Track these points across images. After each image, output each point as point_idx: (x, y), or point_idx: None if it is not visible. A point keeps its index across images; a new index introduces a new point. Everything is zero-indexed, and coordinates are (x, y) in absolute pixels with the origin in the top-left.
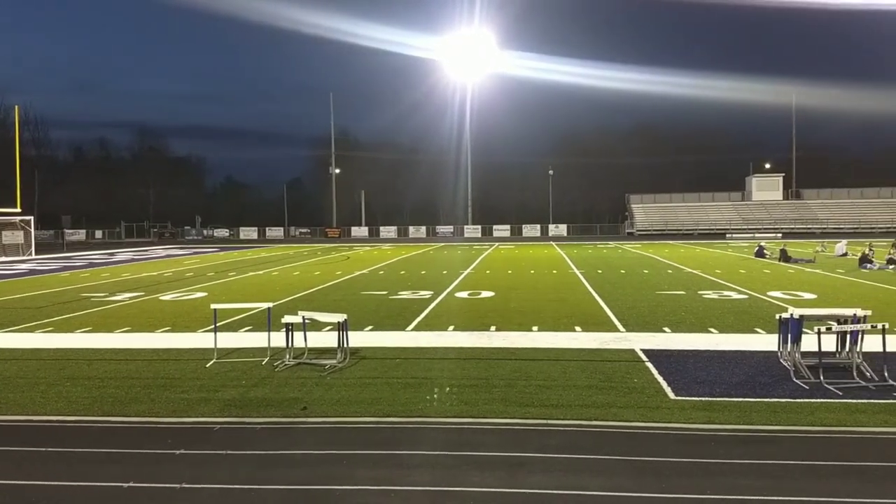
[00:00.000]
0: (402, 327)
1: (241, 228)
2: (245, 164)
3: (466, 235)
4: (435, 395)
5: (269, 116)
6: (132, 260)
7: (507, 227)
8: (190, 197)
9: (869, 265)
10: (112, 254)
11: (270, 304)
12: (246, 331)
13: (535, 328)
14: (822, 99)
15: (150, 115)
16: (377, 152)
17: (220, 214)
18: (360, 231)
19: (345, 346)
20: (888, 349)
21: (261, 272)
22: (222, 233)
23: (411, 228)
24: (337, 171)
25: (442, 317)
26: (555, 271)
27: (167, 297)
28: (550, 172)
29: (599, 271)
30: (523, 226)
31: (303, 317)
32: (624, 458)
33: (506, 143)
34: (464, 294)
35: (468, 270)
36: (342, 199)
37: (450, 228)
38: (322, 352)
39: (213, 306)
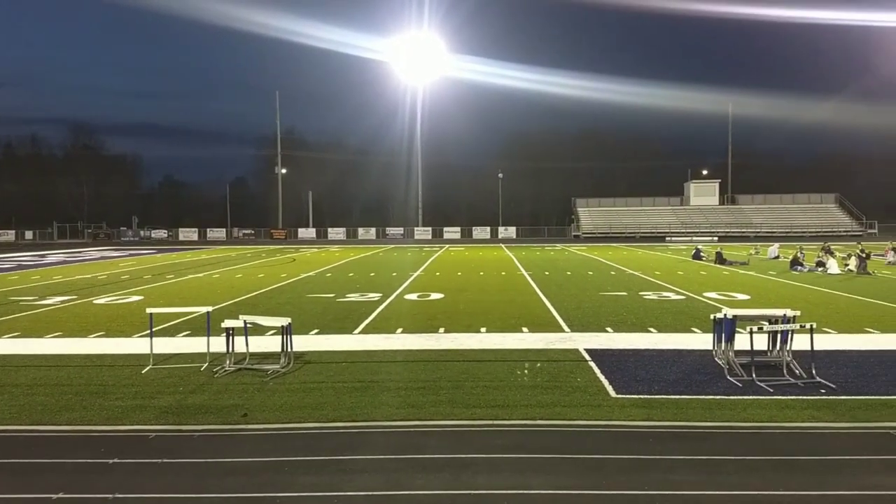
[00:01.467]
0: (349, 330)
1: (181, 229)
2: (186, 163)
3: (417, 237)
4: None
5: (212, 114)
6: (64, 262)
7: (458, 229)
8: (126, 197)
9: (799, 267)
10: (43, 255)
11: (210, 308)
12: (184, 336)
13: (483, 329)
14: (758, 108)
15: (85, 112)
16: (326, 153)
17: (158, 215)
18: (308, 233)
19: (288, 350)
20: (816, 348)
21: (201, 275)
22: (160, 234)
23: (360, 230)
24: (283, 170)
25: (390, 319)
26: (503, 273)
27: (101, 300)
28: (500, 175)
29: (546, 273)
30: (473, 228)
31: (244, 321)
32: (567, 457)
33: (456, 145)
34: (413, 296)
35: (418, 272)
36: (289, 199)
37: (400, 230)
38: (265, 357)
39: (149, 310)
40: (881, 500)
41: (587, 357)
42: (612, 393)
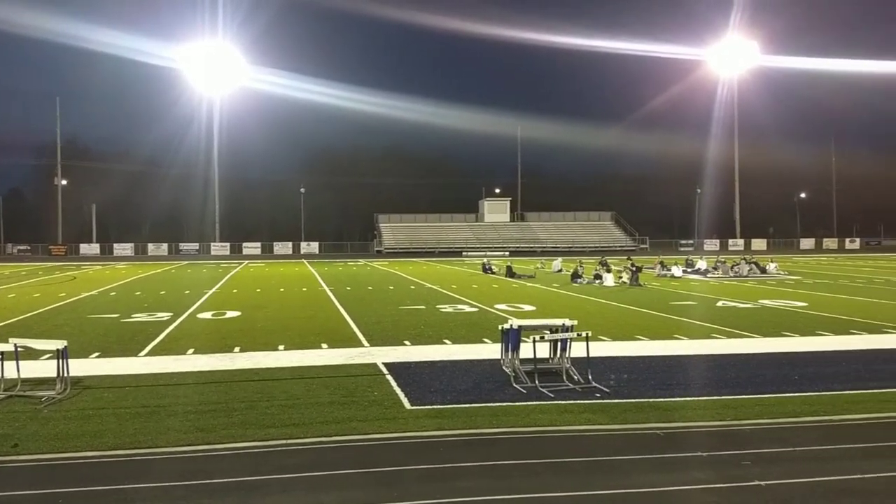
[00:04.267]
0: (134, 353)
1: None
2: None
3: (214, 253)
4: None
5: None
6: None
7: (258, 244)
8: None
9: (579, 280)
10: None
11: None
12: None
13: (281, 347)
14: (545, 132)
15: None
16: (111, 163)
17: None
18: (91, 248)
19: (65, 375)
20: (592, 355)
21: None
22: None
23: (151, 246)
24: (63, 181)
25: (181, 340)
26: (305, 289)
27: None
28: (302, 190)
29: (348, 288)
30: (275, 243)
31: (14, 344)
32: (361, 471)
33: (257, 159)
34: (207, 315)
35: (214, 289)
36: (70, 213)
37: (195, 246)
38: (38, 383)
39: None
40: (648, 496)
41: (385, 371)
42: (408, 405)
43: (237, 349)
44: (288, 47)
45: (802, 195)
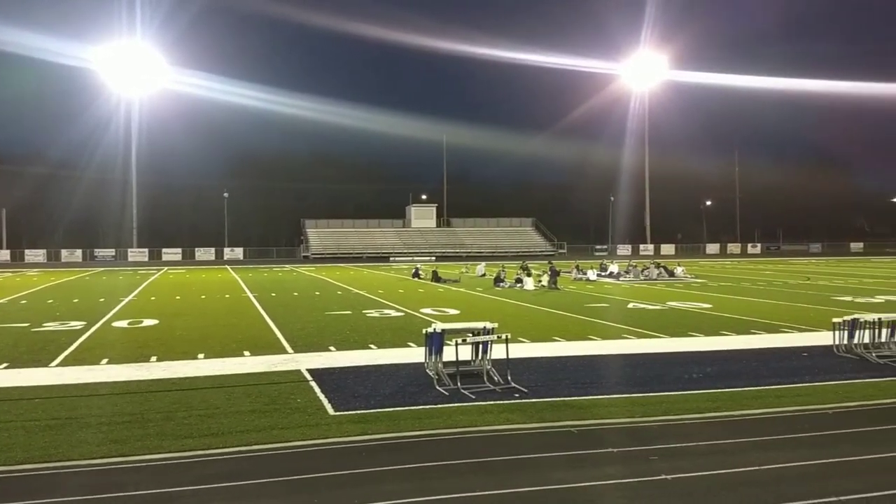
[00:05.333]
0: (45, 363)
1: None
2: None
3: (131, 259)
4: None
5: None
6: None
7: (179, 250)
8: None
9: (502, 284)
10: None
11: None
12: None
13: (201, 356)
14: (470, 140)
15: None
16: (22, 166)
17: None
18: (1, 255)
19: None
20: (511, 356)
21: None
22: None
23: (64, 252)
24: None
25: (95, 349)
26: (227, 296)
27: None
28: (225, 195)
29: (273, 294)
30: (196, 249)
31: None
32: (281, 479)
33: (178, 162)
34: (123, 323)
35: (130, 297)
36: None
37: (112, 252)
38: None
39: None
40: (563, 492)
41: (309, 377)
42: (331, 411)
43: (154, 358)
44: (212, 49)
45: (708, 203)
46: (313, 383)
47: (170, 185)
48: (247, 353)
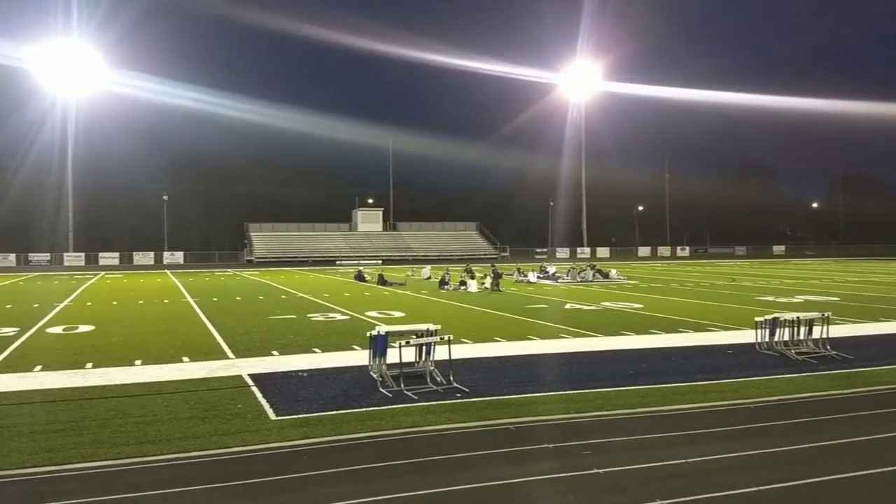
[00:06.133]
0: None
1: None
2: None
3: (67, 264)
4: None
5: None
6: None
7: (116, 254)
8: None
9: (446, 286)
10: None
11: None
12: None
13: (138, 362)
14: (416, 145)
15: None
16: None
17: None
18: None
19: None
20: (454, 357)
21: None
22: None
23: None
24: None
25: (28, 356)
26: (167, 301)
27: None
28: (165, 198)
29: (215, 299)
30: (135, 253)
31: None
32: (220, 485)
33: (116, 165)
34: (58, 329)
35: (66, 303)
36: None
37: (46, 256)
38: None
39: None
40: (500, 489)
41: (250, 382)
42: (273, 416)
43: (90, 365)
44: (153, 50)
45: (640, 208)
46: (255, 388)
47: (107, 187)
48: (186, 359)
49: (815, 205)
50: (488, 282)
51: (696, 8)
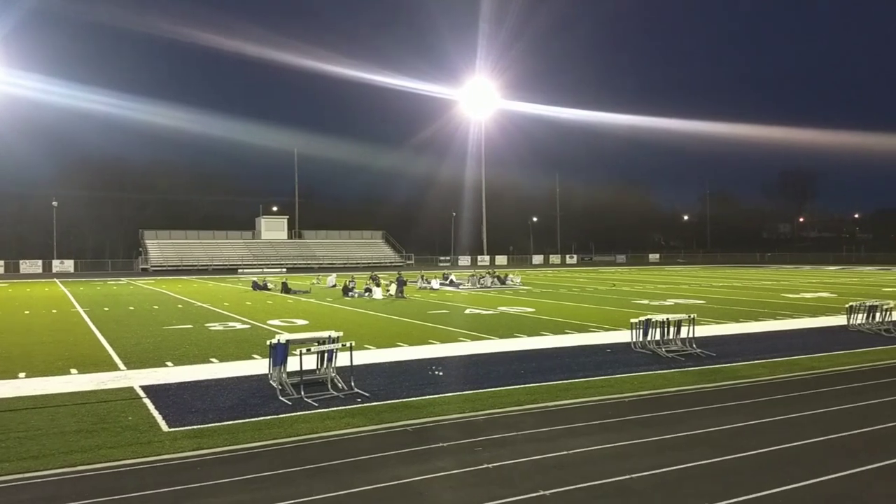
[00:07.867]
0: None
1: None
2: None
3: None
4: None
5: None
6: None
7: (1, 262)
8: None
9: (351, 293)
10: None
11: None
12: None
13: (22, 374)
14: (323, 154)
15: None
16: None
17: None
18: None
19: None
20: (356, 362)
21: None
22: None
23: None
24: None
25: None
26: (55, 311)
27: None
28: (54, 204)
29: (106, 309)
30: (21, 262)
31: None
32: (107, 498)
33: (0, 169)
34: None
35: None
36: None
37: None
38: None
39: None
40: (397, 488)
41: (142, 394)
42: (165, 427)
43: None
44: (43, 50)
45: (535, 219)
46: (147, 400)
47: None
48: (74, 371)
49: (686, 217)
50: (393, 289)
51: (584, 35)
